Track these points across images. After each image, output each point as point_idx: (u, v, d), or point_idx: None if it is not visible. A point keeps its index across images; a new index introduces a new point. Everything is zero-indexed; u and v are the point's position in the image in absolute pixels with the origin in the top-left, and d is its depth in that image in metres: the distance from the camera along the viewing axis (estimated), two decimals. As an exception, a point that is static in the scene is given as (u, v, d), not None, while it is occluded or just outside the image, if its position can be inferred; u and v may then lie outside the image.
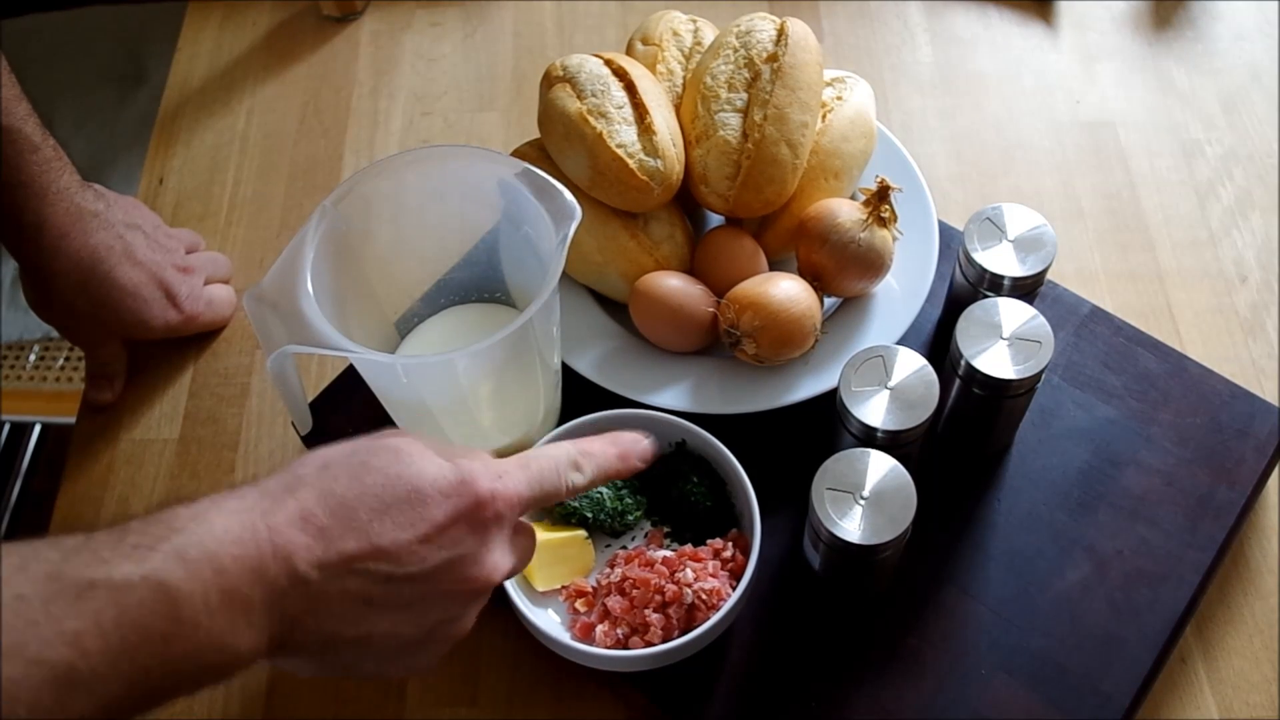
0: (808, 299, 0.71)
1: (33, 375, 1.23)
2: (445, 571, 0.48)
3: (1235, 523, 0.71)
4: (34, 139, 0.73)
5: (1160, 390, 0.76)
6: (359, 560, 0.46)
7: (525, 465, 0.52)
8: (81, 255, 0.75)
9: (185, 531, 0.43)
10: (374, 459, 0.48)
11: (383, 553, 0.46)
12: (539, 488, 0.52)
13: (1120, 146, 0.93)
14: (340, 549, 0.46)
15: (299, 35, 1.04)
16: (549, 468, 0.53)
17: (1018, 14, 1.02)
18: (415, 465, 0.49)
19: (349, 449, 0.49)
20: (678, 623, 0.63)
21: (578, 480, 0.54)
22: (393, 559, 0.47)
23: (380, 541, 0.46)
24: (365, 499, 0.47)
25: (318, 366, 0.84)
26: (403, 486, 0.48)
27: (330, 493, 0.47)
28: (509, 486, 0.50)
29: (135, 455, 0.80)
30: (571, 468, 0.54)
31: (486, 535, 0.49)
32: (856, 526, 0.61)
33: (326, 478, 0.48)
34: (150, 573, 0.42)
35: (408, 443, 0.50)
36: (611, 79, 0.73)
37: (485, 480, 0.49)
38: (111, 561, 0.42)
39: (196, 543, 0.43)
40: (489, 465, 0.51)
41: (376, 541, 0.46)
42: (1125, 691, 0.65)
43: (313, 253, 0.62)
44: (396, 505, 0.47)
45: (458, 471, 0.49)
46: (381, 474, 0.48)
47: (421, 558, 0.47)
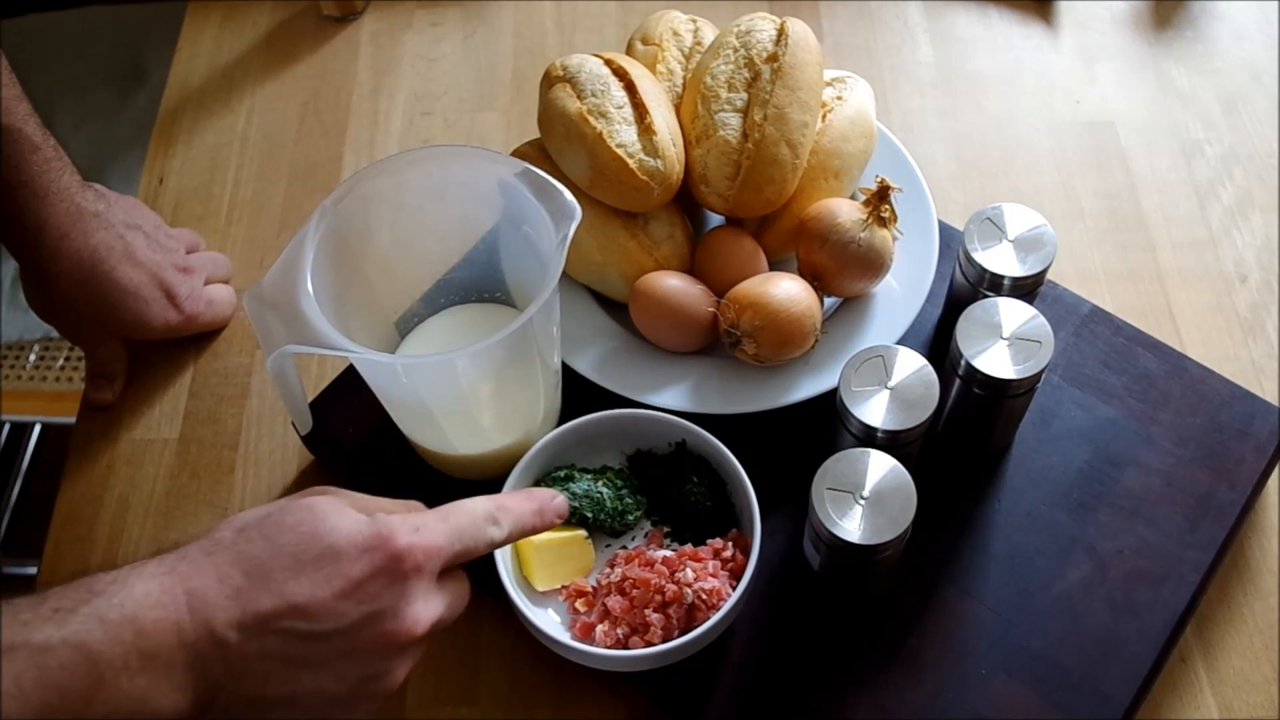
0: (808, 299, 0.71)
1: (33, 375, 1.23)
2: (365, 627, 0.48)
3: (1235, 523, 0.71)
4: (35, 139, 0.73)
5: (1160, 390, 0.76)
6: (275, 619, 0.47)
7: (444, 518, 0.52)
8: (82, 255, 0.75)
9: (105, 595, 0.44)
10: (288, 518, 0.49)
11: (299, 610, 0.47)
12: (458, 541, 0.52)
13: (1120, 146, 0.93)
14: (256, 609, 0.46)
15: (299, 35, 1.04)
16: (467, 522, 0.53)
17: (1018, 14, 1.02)
18: (329, 522, 0.49)
19: (265, 511, 0.50)
20: (678, 623, 0.63)
21: (495, 535, 0.54)
22: (309, 616, 0.47)
23: (295, 600, 0.47)
24: (280, 558, 0.48)
25: (318, 366, 0.84)
26: (317, 544, 0.48)
27: (245, 555, 0.48)
28: (426, 539, 0.50)
29: (135, 455, 0.80)
30: (489, 522, 0.54)
31: (406, 589, 0.49)
32: (856, 526, 0.61)
33: (242, 541, 0.48)
34: (70, 635, 0.43)
35: (325, 501, 0.50)
36: (611, 79, 0.73)
37: (402, 534, 0.49)
38: (32, 624, 0.43)
39: (117, 605, 0.44)
40: (406, 519, 0.51)
41: (291, 600, 0.47)
42: (1125, 691, 0.65)
43: (313, 253, 0.62)
44: (312, 563, 0.48)
45: (374, 526, 0.49)
46: (295, 532, 0.48)
47: (339, 613, 0.48)
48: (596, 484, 0.69)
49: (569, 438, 0.69)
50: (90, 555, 0.76)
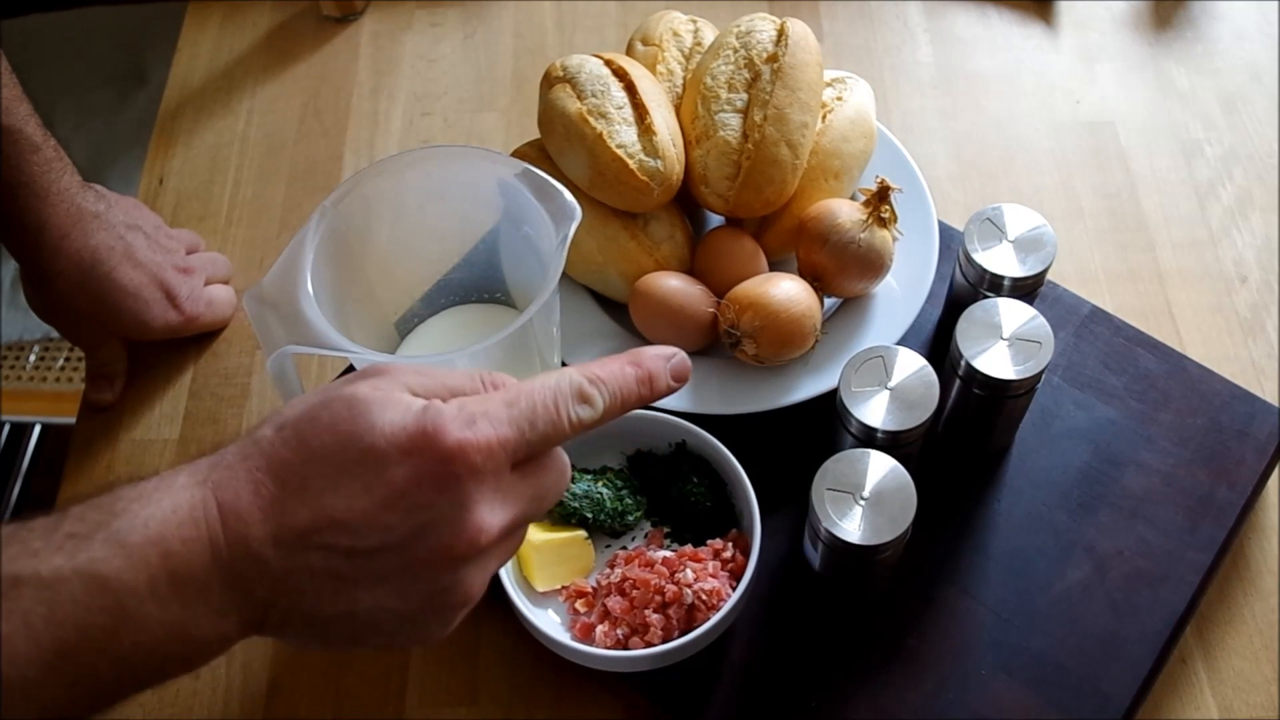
0: (808, 299, 0.71)
1: (33, 375, 1.23)
2: (418, 539, 0.42)
3: (1235, 523, 0.71)
4: (35, 139, 0.73)
5: (1160, 390, 0.76)
6: (314, 533, 0.41)
7: (512, 402, 0.44)
8: (82, 256, 0.75)
9: (127, 514, 0.40)
10: (326, 414, 0.42)
11: (338, 524, 0.41)
12: (530, 428, 0.44)
13: (1120, 146, 0.93)
14: (292, 523, 0.41)
15: (299, 35, 1.04)
16: (544, 400, 0.44)
17: (1018, 14, 1.02)
18: (370, 418, 0.42)
19: (307, 404, 0.43)
20: (678, 623, 0.63)
21: (585, 415, 0.45)
22: (351, 530, 0.41)
23: (333, 512, 0.41)
24: (316, 464, 0.42)
25: (318, 367, 0.84)
26: (355, 446, 0.41)
27: (281, 460, 0.42)
28: (483, 434, 0.42)
29: (135, 456, 0.80)
30: (577, 398, 0.45)
31: (462, 494, 0.42)
32: (856, 527, 0.61)
33: (279, 442, 0.42)
34: (84, 564, 0.38)
35: (370, 389, 0.43)
36: (611, 79, 0.73)
37: (453, 430, 0.42)
38: (41, 554, 0.38)
39: (140, 526, 0.39)
40: (464, 407, 0.43)
41: (329, 512, 0.41)
42: (1125, 691, 0.65)
43: (313, 253, 0.62)
44: (350, 469, 0.41)
45: (420, 422, 0.42)
46: (332, 433, 0.42)
47: (385, 526, 0.41)
48: (596, 484, 0.69)
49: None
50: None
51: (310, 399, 0.44)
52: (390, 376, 0.44)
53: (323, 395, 0.44)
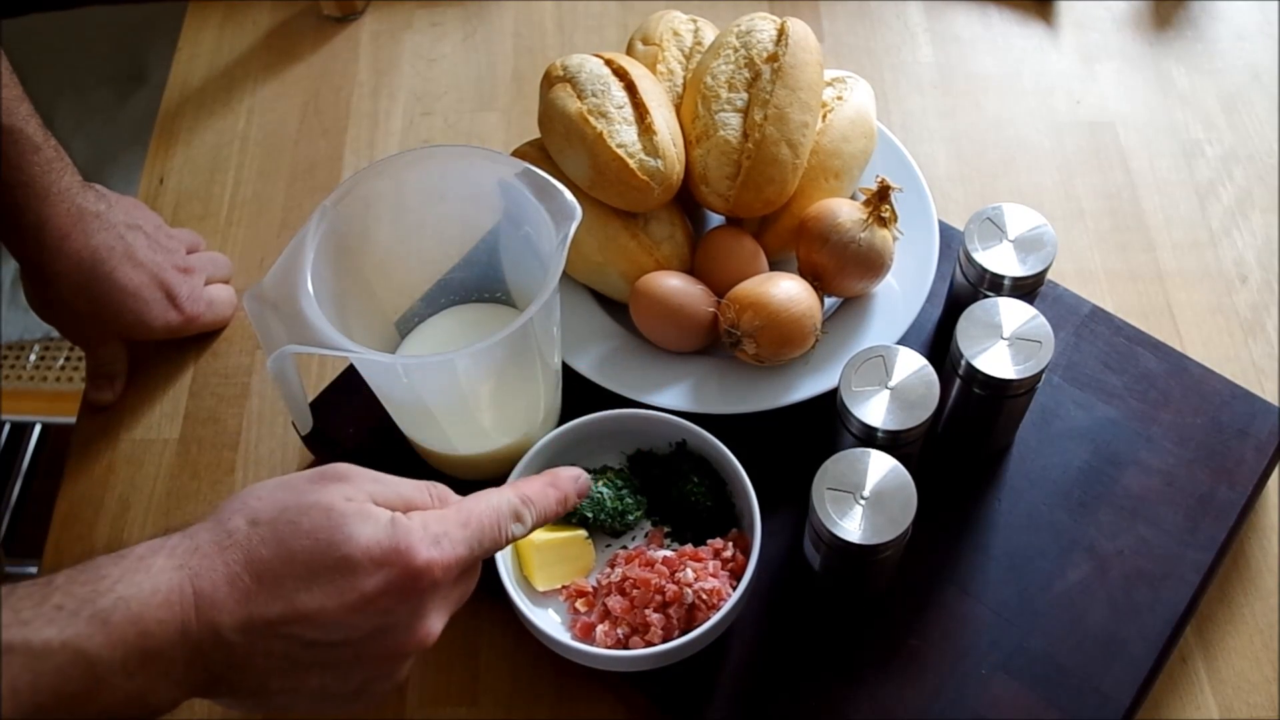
0: (808, 299, 0.71)
1: (33, 375, 1.23)
2: (375, 638, 0.48)
3: (1235, 523, 0.71)
4: (36, 139, 0.73)
5: (1160, 390, 0.76)
6: (283, 625, 0.46)
7: (466, 523, 0.51)
8: (83, 256, 0.75)
9: (111, 593, 0.44)
10: (305, 520, 0.47)
11: (307, 619, 0.46)
12: (479, 546, 0.51)
13: (1120, 146, 0.93)
14: (264, 615, 0.45)
15: (299, 35, 1.04)
16: (490, 522, 0.52)
17: (1018, 14, 1.02)
18: (346, 529, 0.47)
19: (280, 504, 0.48)
20: (678, 623, 0.63)
21: (518, 532, 0.53)
22: (318, 626, 0.46)
23: (305, 609, 0.46)
24: (293, 565, 0.46)
25: (318, 366, 0.84)
26: (333, 553, 0.47)
27: (258, 558, 0.46)
28: (446, 553, 0.49)
29: (135, 455, 0.80)
30: (513, 519, 0.53)
31: (420, 604, 0.48)
32: (857, 526, 0.61)
33: (256, 539, 0.47)
34: (71, 639, 0.42)
35: (343, 499, 0.48)
36: (612, 79, 0.73)
37: (422, 549, 0.48)
38: (32, 624, 0.42)
39: (123, 605, 0.43)
40: (428, 527, 0.49)
41: (301, 609, 0.46)
42: (1125, 691, 0.65)
43: (313, 253, 0.62)
44: (325, 573, 0.46)
45: (393, 538, 0.48)
46: (310, 538, 0.47)
47: (349, 625, 0.47)
48: (597, 484, 0.69)
49: (569, 438, 0.69)
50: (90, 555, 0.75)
51: (282, 496, 0.48)
52: (355, 485, 0.50)
53: (297, 497, 0.48)
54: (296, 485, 0.49)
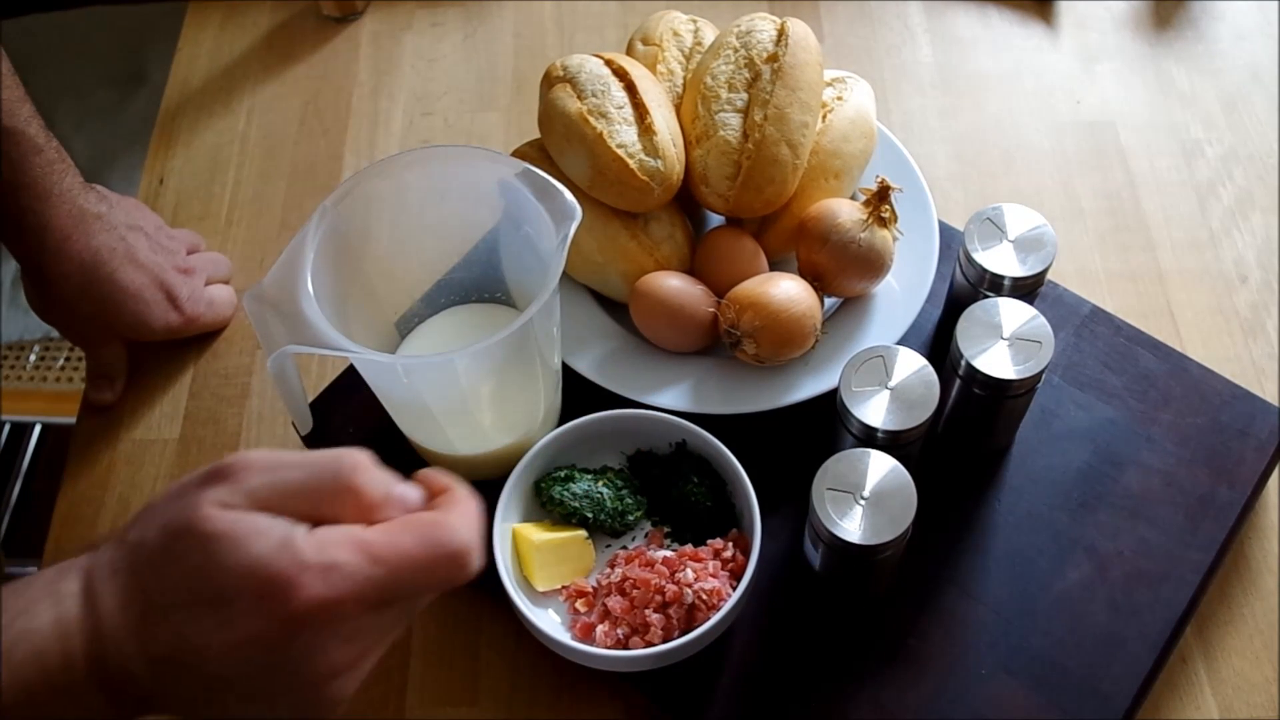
0: (808, 299, 0.71)
1: (33, 375, 1.23)
2: (273, 674, 0.43)
3: (1235, 523, 0.71)
4: (37, 141, 0.73)
5: (1160, 390, 0.76)
6: (177, 659, 0.42)
7: (379, 560, 0.43)
8: (84, 257, 0.75)
9: (13, 628, 0.41)
10: (178, 544, 0.42)
11: (196, 653, 0.42)
12: (393, 589, 0.43)
13: (1120, 146, 0.93)
14: (157, 648, 0.42)
15: (299, 35, 1.04)
16: (414, 568, 0.44)
17: (1018, 14, 1.02)
18: (220, 559, 0.41)
19: (163, 521, 0.43)
20: (678, 623, 0.63)
21: (468, 578, 0.46)
22: (209, 661, 0.42)
23: (192, 643, 0.42)
24: (175, 594, 0.42)
25: (318, 366, 0.84)
26: (209, 586, 0.42)
27: (143, 582, 0.42)
28: (337, 590, 0.42)
29: (136, 455, 0.80)
30: (458, 566, 0.45)
31: (313, 641, 0.42)
32: (857, 526, 0.61)
33: (141, 562, 0.43)
34: None
35: (218, 513, 0.42)
36: (612, 79, 0.73)
37: (307, 584, 0.41)
38: None
39: (23, 641, 0.41)
40: (325, 551, 0.42)
41: (188, 643, 0.42)
42: (1125, 691, 0.65)
43: (313, 253, 0.62)
44: (203, 606, 0.42)
45: (271, 570, 0.41)
46: (183, 570, 0.42)
47: (240, 661, 0.42)
48: (596, 484, 0.69)
49: (569, 438, 0.69)
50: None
51: (167, 513, 0.43)
52: (235, 484, 0.43)
53: (176, 517, 0.43)
54: (182, 493, 0.44)
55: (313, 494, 0.44)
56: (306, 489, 0.44)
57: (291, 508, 0.44)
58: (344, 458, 0.45)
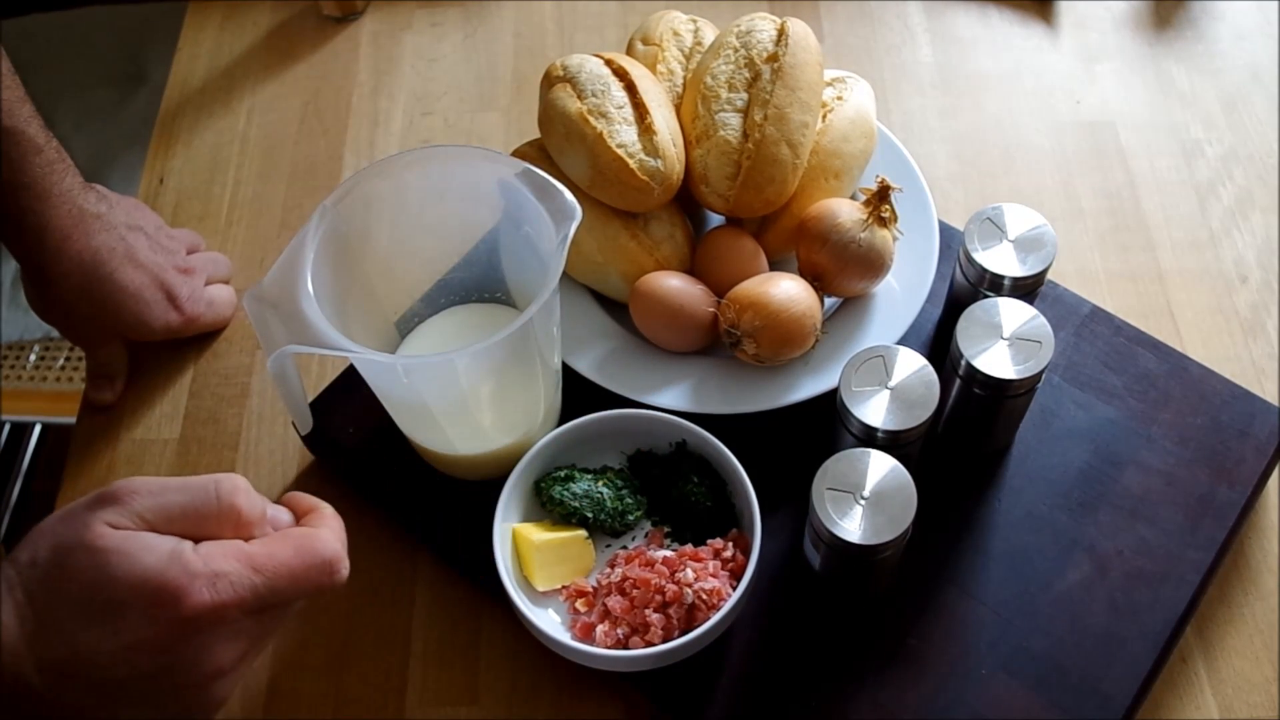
0: (808, 299, 0.71)
1: (33, 375, 1.23)
2: (161, 676, 0.47)
3: (1235, 523, 0.71)
4: (37, 141, 0.73)
5: (1160, 390, 0.76)
6: (70, 666, 0.46)
7: (260, 569, 0.49)
8: (84, 257, 0.75)
9: None
10: (70, 560, 0.47)
11: (89, 660, 0.46)
12: (270, 594, 0.49)
13: (1120, 146, 0.93)
14: (51, 657, 0.46)
15: (299, 35, 1.04)
16: (292, 576, 0.50)
17: (1018, 14, 1.02)
18: (110, 571, 0.46)
19: (53, 541, 0.47)
20: (678, 623, 0.63)
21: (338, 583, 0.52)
22: (101, 667, 0.46)
23: (85, 650, 0.46)
24: (68, 606, 0.46)
25: (318, 366, 0.84)
26: (102, 595, 0.46)
27: (37, 598, 0.46)
28: (223, 596, 0.47)
29: (135, 455, 0.80)
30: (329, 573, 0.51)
31: (199, 644, 0.47)
32: (857, 526, 0.61)
33: (34, 579, 0.47)
34: None
35: (108, 530, 0.47)
36: (612, 79, 0.73)
37: (195, 590, 0.46)
38: None
39: None
40: (210, 563, 0.47)
41: (82, 650, 0.46)
42: (1125, 691, 0.65)
43: (313, 253, 0.62)
44: (99, 614, 0.46)
45: (162, 576, 0.46)
46: (79, 582, 0.46)
47: (131, 664, 0.46)
48: (597, 484, 0.69)
49: (569, 438, 0.69)
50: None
51: (58, 534, 0.47)
52: (124, 506, 0.48)
53: (66, 536, 0.47)
54: (72, 516, 0.48)
55: (195, 514, 0.49)
56: (190, 510, 0.49)
57: (177, 528, 0.49)
58: (223, 482, 0.51)
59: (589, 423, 0.69)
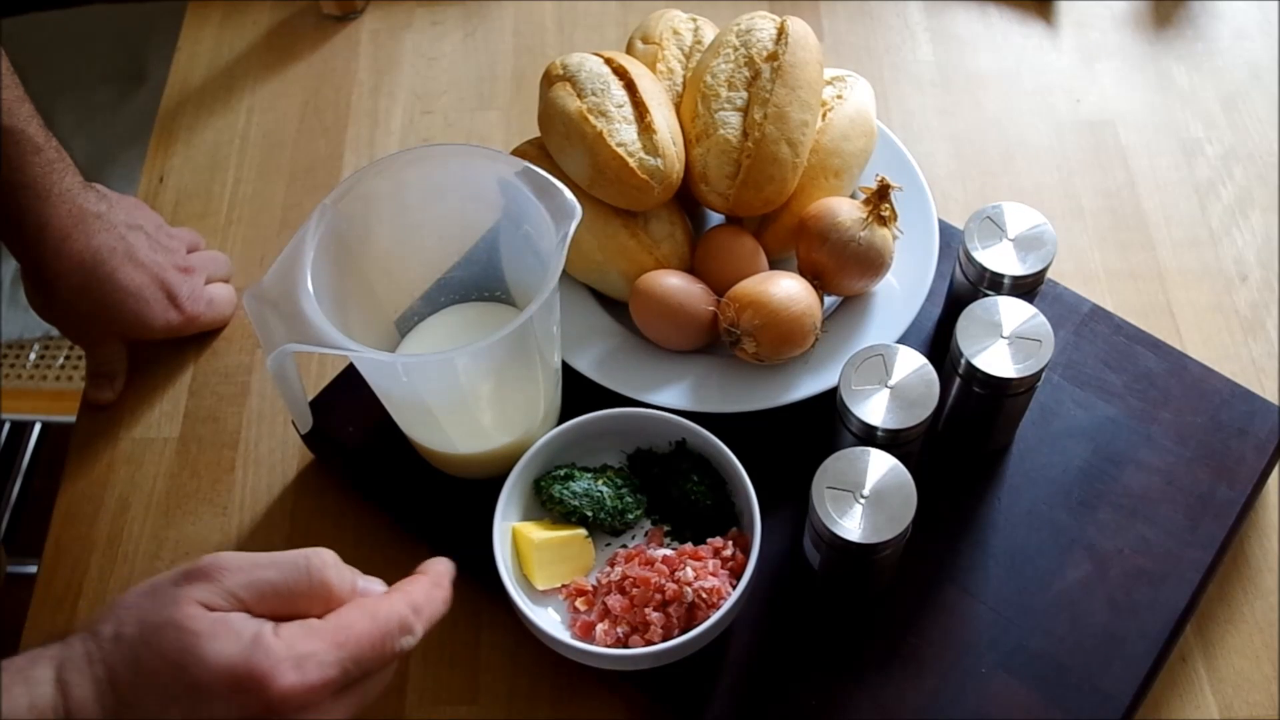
0: (808, 298, 0.71)
1: (33, 374, 1.23)
2: None
3: (1235, 522, 0.71)
4: (37, 140, 0.73)
5: (1160, 389, 0.76)
6: None
7: (342, 643, 0.47)
8: (84, 257, 0.75)
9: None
10: (157, 639, 0.45)
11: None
12: (355, 667, 0.47)
13: (1120, 145, 0.93)
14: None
15: (299, 34, 1.04)
16: (371, 640, 0.48)
17: (1018, 13, 1.02)
18: (198, 652, 0.44)
19: (139, 617, 0.46)
20: (678, 621, 0.63)
21: (408, 644, 0.49)
22: None
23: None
24: (149, 687, 0.45)
25: (318, 366, 0.84)
26: (186, 678, 0.44)
27: (118, 675, 0.45)
28: (310, 678, 0.45)
29: (135, 454, 0.80)
30: (401, 633, 0.49)
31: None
32: (857, 525, 0.61)
33: (118, 656, 0.45)
34: None
35: (199, 610, 0.46)
36: (612, 78, 0.73)
37: (281, 673, 0.45)
38: None
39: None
40: (294, 646, 0.46)
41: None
42: (1125, 690, 0.65)
43: (313, 252, 0.62)
44: (181, 697, 0.44)
45: (248, 662, 0.44)
46: (164, 661, 0.45)
47: None
48: (596, 483, 0.69)
49: (569, 437, 0.69)
50: (90, 555, 0.76)
51: (143, 609, 0.46)
52: (215, 584, 0.46)
53: (155, 614, 0.46)
54: (159, 591, 0.47)
55: (287, 591, 0.48)
56: (282, 587, 0.48)
57: (268, 605, 0.47)
58: (312, 557, 0.49)
59: (589, 421, 0.69)
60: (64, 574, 0.75)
